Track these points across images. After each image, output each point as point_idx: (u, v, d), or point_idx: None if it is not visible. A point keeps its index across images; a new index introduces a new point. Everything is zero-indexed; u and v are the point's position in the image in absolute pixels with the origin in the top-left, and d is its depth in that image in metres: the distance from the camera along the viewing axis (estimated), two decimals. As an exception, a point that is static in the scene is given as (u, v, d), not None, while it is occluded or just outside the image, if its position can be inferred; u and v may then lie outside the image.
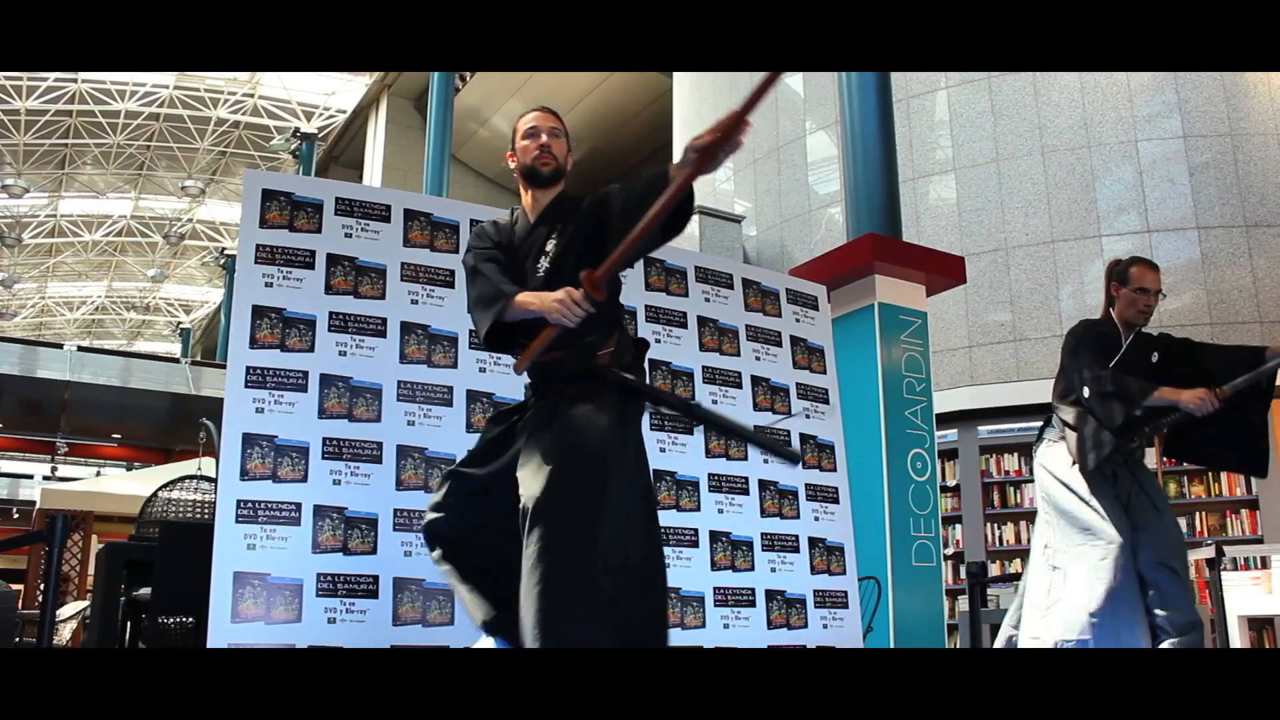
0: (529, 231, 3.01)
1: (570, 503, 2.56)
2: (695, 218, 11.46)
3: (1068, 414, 3.99)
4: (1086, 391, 3.82)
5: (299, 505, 3.65)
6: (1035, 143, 9.86)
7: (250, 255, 3.87)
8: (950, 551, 9.62)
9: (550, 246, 2.94)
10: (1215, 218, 9.27)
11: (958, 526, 9.67)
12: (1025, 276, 9.70)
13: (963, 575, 9.14)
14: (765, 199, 11.87)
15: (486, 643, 2.89)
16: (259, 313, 3.81)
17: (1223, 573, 5.53)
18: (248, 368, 3.73)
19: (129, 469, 19.03)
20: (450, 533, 2.95)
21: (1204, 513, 9.07)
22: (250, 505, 3.59)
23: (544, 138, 3.00)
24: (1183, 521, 9.06)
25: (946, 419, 9.35)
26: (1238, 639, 5.35)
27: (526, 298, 2.73)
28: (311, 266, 3.94)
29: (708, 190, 12.92)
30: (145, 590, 4.83)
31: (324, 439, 3.74)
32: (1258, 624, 7.88)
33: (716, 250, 11.04)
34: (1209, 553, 5.71)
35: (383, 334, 3.95)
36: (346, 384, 3.84)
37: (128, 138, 24.72)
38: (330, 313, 3.91)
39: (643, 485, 2.86)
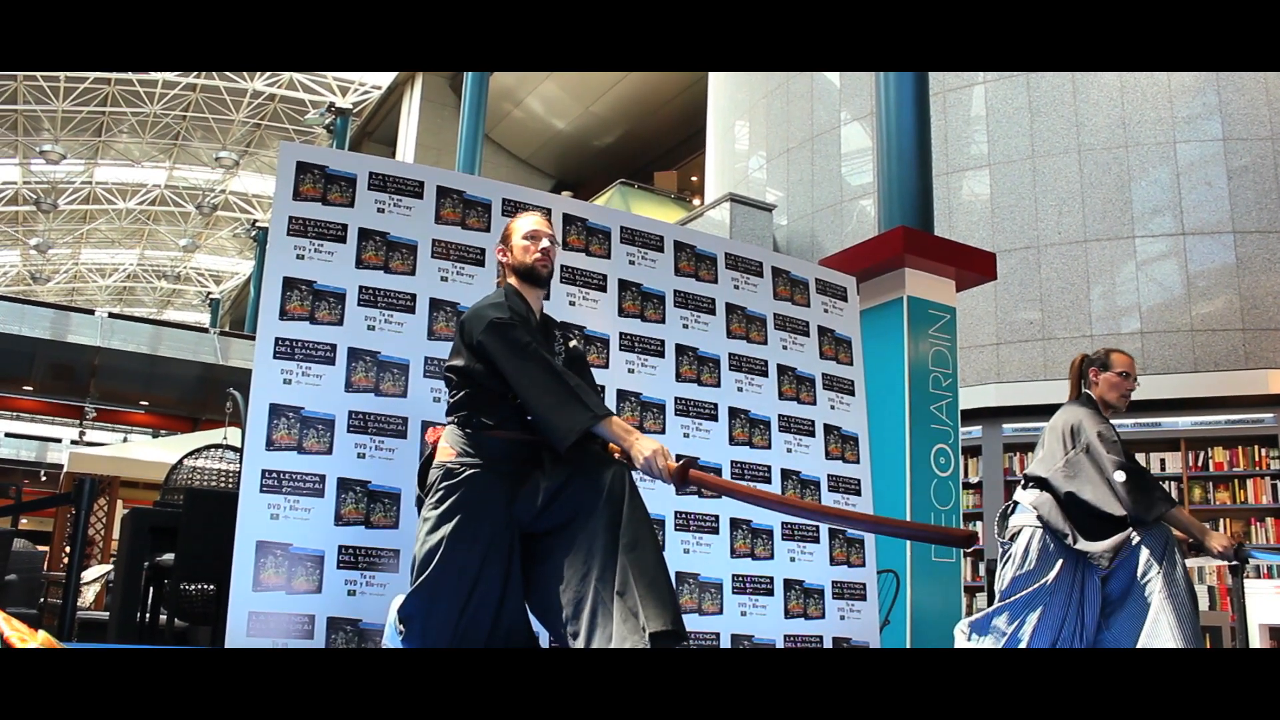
0: (542, 324, 3.15)
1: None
2: (726, 205, 11.46)
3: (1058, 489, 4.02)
4: (1120, 475, 3.87)
5: (323, 477, 3.67)
6: (1072, 141, 9.77)
7: (283, 227, 3.89)
8: (971, 549, 9.59)
9: (559, 350, 3.13)
10: (1252, 222, 9.16)
11: (978, 523, 9.62)
12: (1056, 275, 9.63)
13: (982, 572, 9.12)
14: (797, 188, 11.83)
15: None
16: (290, 284, 3.83)
17: (1245, 580, 5.48)
18: (277, 339, 3.75)
19: (155, 436, 19.20)
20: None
21: (1229, 519, 9.00)
22: (275, 475, 3.62)
23: (545, 243, 3.14)
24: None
25: (971, 415, 9.31)
26: (1258, 646, 5.31)
27: (619, 427, 2.83)
28: (343, 240, 3.95)
29: (740, 178, 12.88)
30: (168, 556, 4.88)
31: (350, 412, 3.76)
32: (1276, 631, 7.83)
33: (747, 238, 11.01)
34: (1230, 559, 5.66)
35: (411, 310, 3.97)
36: (374, 358, 3.86)
37: (164, 108, 24.87)
38: (360, 287, 3.93)
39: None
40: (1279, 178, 9.17)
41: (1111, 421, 4.11)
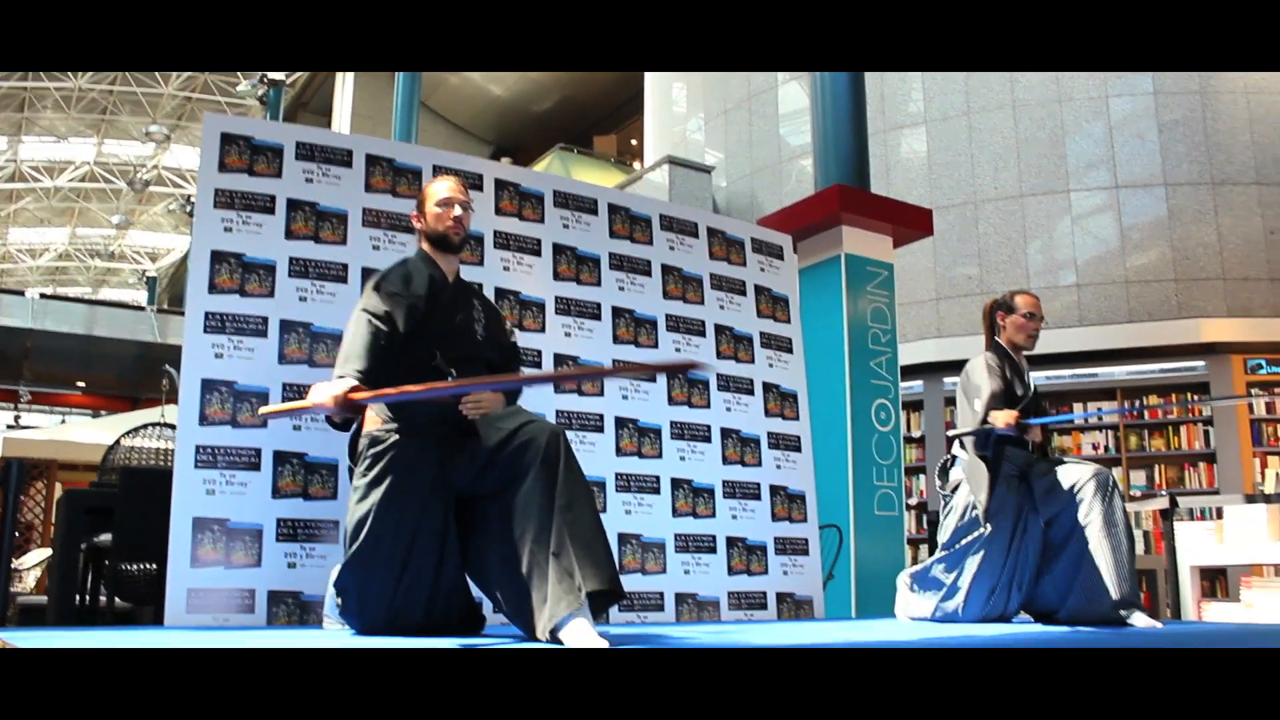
0: (452, 291, 3.16)
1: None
2: (665, 168, 11.43)
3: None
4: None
5: (259, 451, 3.63)
6: (1006, 96, 9.85)
7: (209, 200, 3.82)
8: (914, 502, 9.72)
9: (478, 316, 3.16)
10: (1183, 175, 9.32)
11: (921, 477, 9.77)
12: (994, 230, 9.74)
13: (925, 525, 9.26)
14: (736, 149, 11.82)
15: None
16: (218, 258, 3.77)
17: (1176, 523, 5.62)
18: (206, 313, 3.69)
19: (95, 417, 18.88)
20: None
21: (1163, 465, 9.21)
22: (209, 451, 3.57)
23: (458, 210, 3.15)
24: (1141, 474, 9.21)
25: (912, 371, 9.42)
26: (1189, 588, 5.45)
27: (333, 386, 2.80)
28: (271, 211, 3.90)
29: (678, 140, 12.85)
30: (106, 537, 4.81)
31: (284, 384, 3.72)
32: (1210, 574, 8.04)
33: (686, 200, 11.00)
34: (1163, 504, 5.80)
35: (344, 279, 3.93)
36: (307, 330, 3.81)
37: (90, 81, 24.26)
38: (290, 258, 3.87)
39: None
40: (1207, 130, 9.33)
41: (1021, 362, 4.17)
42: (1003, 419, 3.81)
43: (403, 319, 2.96)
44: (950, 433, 4.19)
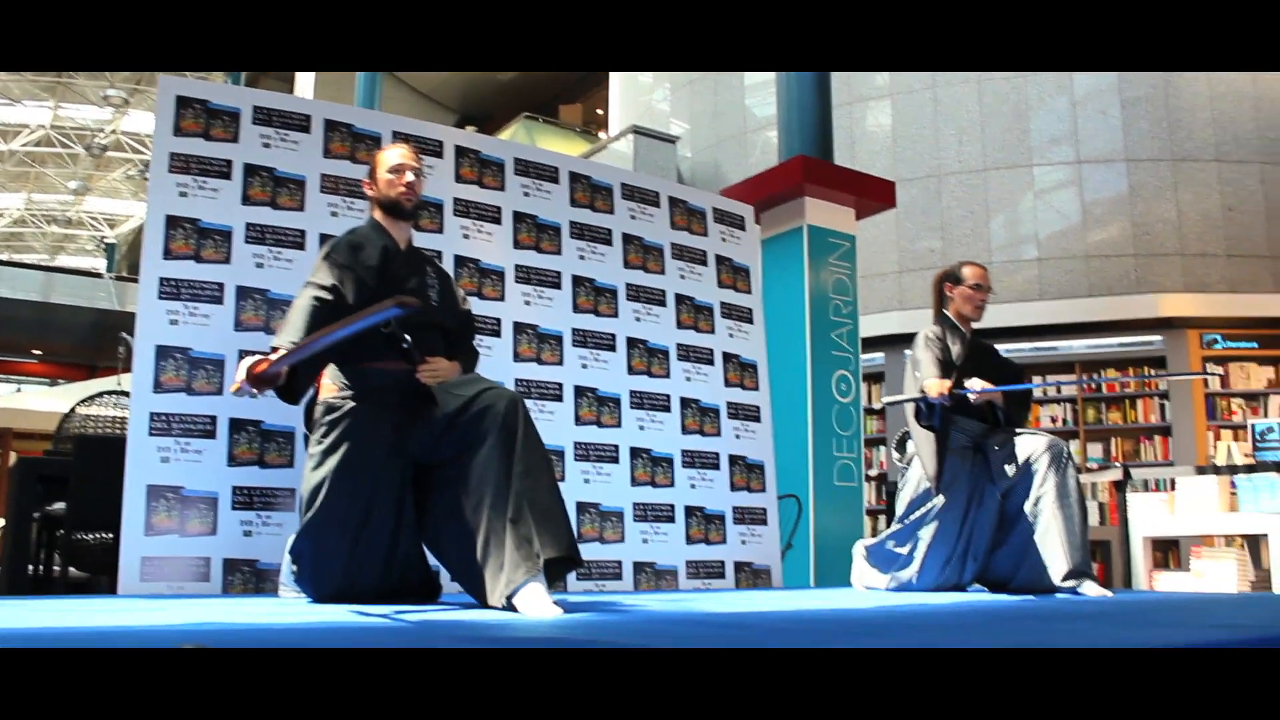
0: (405, 258, 3.13)
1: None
2: (630, 137, 11.39)
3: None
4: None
5: (214, 418, 3.61)
6: (971, 71, 9.88)
7: (164, 164, 3.78)
8: (874, 473, 9.81)
9: (431, 283, 3.13)
10: (1145, 151, 9.39)
11: (881, 449, 9.84)
12: (957, 204, 9.78)
13: (885, 496, 9.34)
14: (701, 120, 11.79)
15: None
16: (173, 223, 3.73)
17: (1130, 495, 5.70)
18: (161, 279, 3.66)
19: (53, 385, 18.64)
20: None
21: (1119, 438, 9.33)
22: (164, 418, 3.54)
23: (409, 176, 3.11)
24: (1098, 447, 9.33)
25: (875, 343, 9.47)
26: (1141, 559, 5.53)
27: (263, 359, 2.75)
28: (228, 176, 3.85)
29: (643, 109, 12.80)
30: (60, 505, 4.76)
31: (240, 351, 3.68)
32: (1162, 545, 8.17)
33: (651, 170, 10.97)
34: (1117, 476, 5.88)
35: (301, 246, 3.89)
36: (264, 296, 3.78)
37: (46, 43, 23.74)
38: (247, 224, 3.84)
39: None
40: (1169, 107, 9.40)
41: (969, 333, 4.18)
42: (935, 389, 3.85)
43: (352, 290, 2.94)
44: (883, 400, 4.22)
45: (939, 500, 3.93)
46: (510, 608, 2.52)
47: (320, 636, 1.82)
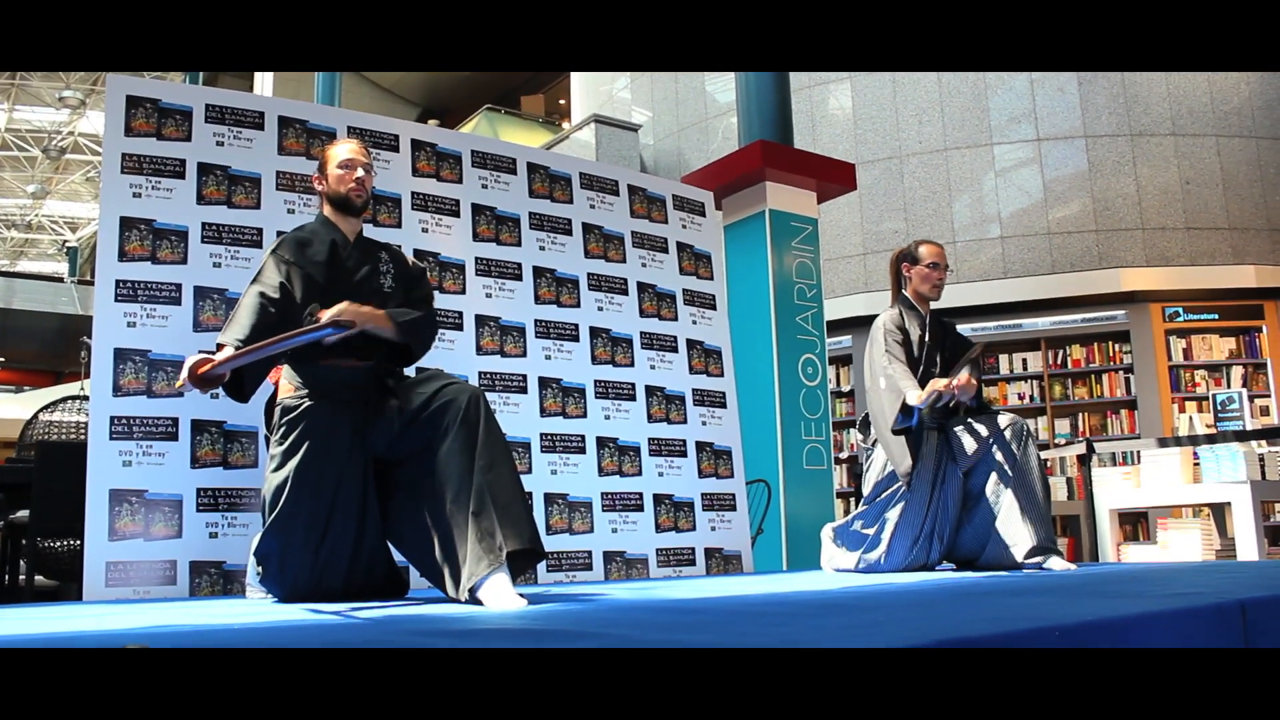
0: (355, 248, 3.10)
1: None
2: (591, 126, 11.37)
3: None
4: (882, 383, 3.96)
5: (176, 420, 3.58)
6: (929, 50, 9.90)
7: (116, 165, 3.74)
8: (844, 455, 9.86)
9: (384, 269, 3.11)
10: (1103, 127, 9.47)
11: (850, 431, 9.89)
12: (919, 184, 9.83)
13: (855, 479, 9.40)
14: (663, 107, 11.78)
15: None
16: (127, 224, 3.69)
17: (1095, 469, 5.76)
18: (117, 281, 3.62)
19: (17, 393, 18.43)
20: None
21: (1086, 413, 9.42)
22: (125, 421, 3.51)
23: (360, 171, 3.10)
24: (1065, 423, 9.42)
25: (841, 325, 9.52)
26: (1108, 532, 5.59)
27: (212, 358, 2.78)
28: (182, 176, 3.82)
29: (605, 98, 12.77)
30: (24, 513, 4.71)
31: (200, 352, 3.65)
32: (1130, 517, 8.27)
33: (613, 159, 10.96)
34: (1080, 449, 5.94)
35: (259, 244, 3.86)
36: (222, 296, 3.75)
37: (-2, 46, 23.41)
38: (203, 223, 3.81)
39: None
40: (1125, 82, 9.48)
41: (927, 314, 4.18)
42: (917, 398, 3.82)
43: (300, 287, 2.92)
44: (868, 439, 4.19)
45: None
46: (475, 600, 2.52)
47: (286, 636, 1.81)
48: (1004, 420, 3.97)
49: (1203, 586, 2.25)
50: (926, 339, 4.10)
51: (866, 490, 4.13)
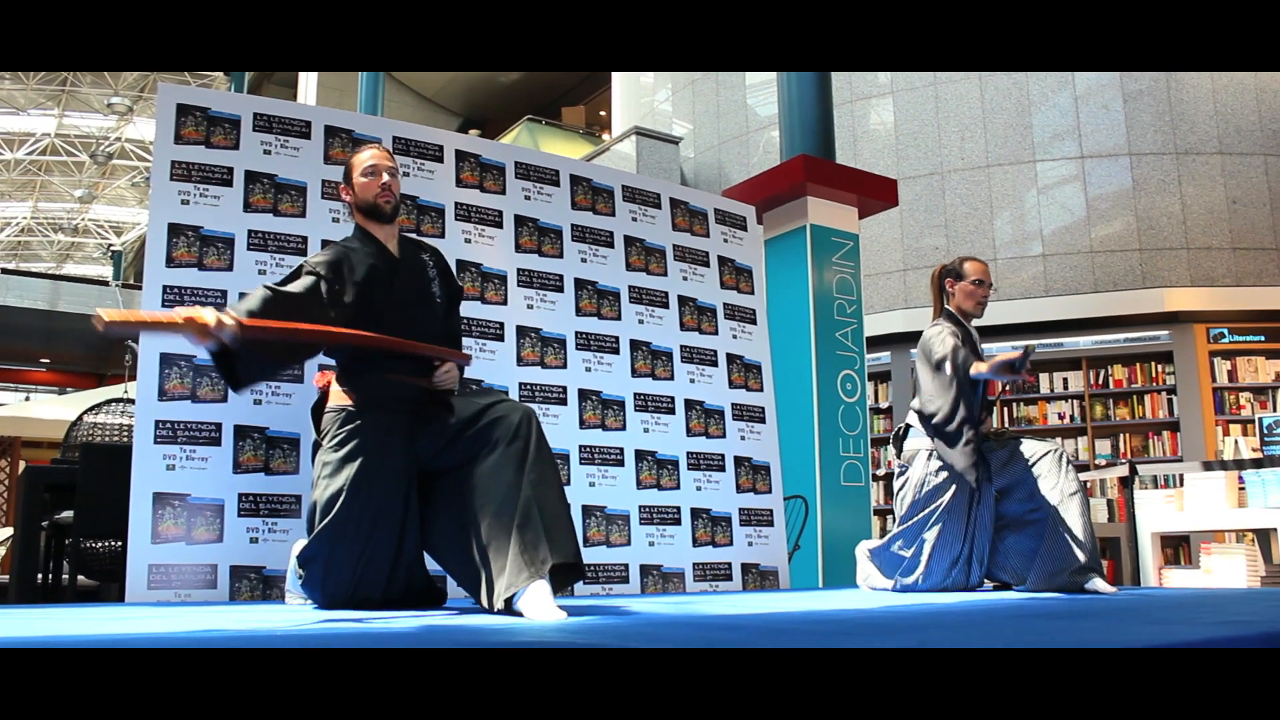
0: (401, 260, 3.07)
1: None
2: (633, 138, 11.38)
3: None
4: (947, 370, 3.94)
5: (219, 425, 3.62)
6: (973, 66, 9.87)
7: (165, 172, 3.79)
8: (881, 472, 9.79)
9: (433, 275, 3.12)
10: (1147, 145, 9.37)
11: (888, 448, 9.81)
12: (960, 201, 9.77)
13: (892, 496, 9.33)
14: (704, 120, 11.79)
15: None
16: (175, 230, 3.74)
17: (1137, 491, 5.68)
18: (164, 286, 3.67)
19: (62, 394, 18.69)
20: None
21: (1128, 434, 9.30)
22: (169, 426, 3.55)
23: (385, 177, 3.06)
24: (1106, 443, 9.30)
25: (880, 341, 9.46)
26: (1150, 555, 5.52)
27: None
28: (229, 184, 3.86)
29: (646, 110, 12.80)
30: (68, 514, 4.77)
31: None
32: (1172, 541, 8.15)
33: (653, 171, 10.97)
34: (1123, 472, 5.86)
35: (303, 252, 3.89)
36: (266, 303, 3.78)
37: (50, 52, 23.78)
38: (249, 231, 3.85)
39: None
40: (1171, 100, 9.37)
41: (972, 330, 4.17)
42: (986, 364, 3.79)
43: (351, 304, 2.91)
44: (901, 455, 4.15)
45: (943, 500, 3.92)
46: (512, 611, 2.52)
47: (327, 640, 1.82)
48: (1044, 446, 3.94)
49: (1253, 615, 2.21)
50: (981, 356, 4.08)
51: (902, 510, 4.10)
